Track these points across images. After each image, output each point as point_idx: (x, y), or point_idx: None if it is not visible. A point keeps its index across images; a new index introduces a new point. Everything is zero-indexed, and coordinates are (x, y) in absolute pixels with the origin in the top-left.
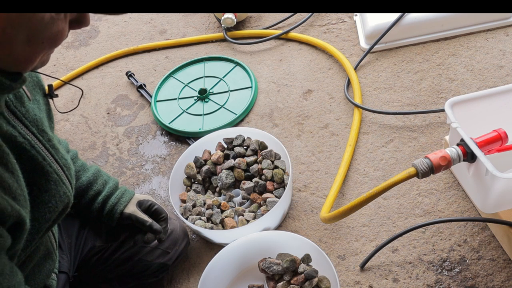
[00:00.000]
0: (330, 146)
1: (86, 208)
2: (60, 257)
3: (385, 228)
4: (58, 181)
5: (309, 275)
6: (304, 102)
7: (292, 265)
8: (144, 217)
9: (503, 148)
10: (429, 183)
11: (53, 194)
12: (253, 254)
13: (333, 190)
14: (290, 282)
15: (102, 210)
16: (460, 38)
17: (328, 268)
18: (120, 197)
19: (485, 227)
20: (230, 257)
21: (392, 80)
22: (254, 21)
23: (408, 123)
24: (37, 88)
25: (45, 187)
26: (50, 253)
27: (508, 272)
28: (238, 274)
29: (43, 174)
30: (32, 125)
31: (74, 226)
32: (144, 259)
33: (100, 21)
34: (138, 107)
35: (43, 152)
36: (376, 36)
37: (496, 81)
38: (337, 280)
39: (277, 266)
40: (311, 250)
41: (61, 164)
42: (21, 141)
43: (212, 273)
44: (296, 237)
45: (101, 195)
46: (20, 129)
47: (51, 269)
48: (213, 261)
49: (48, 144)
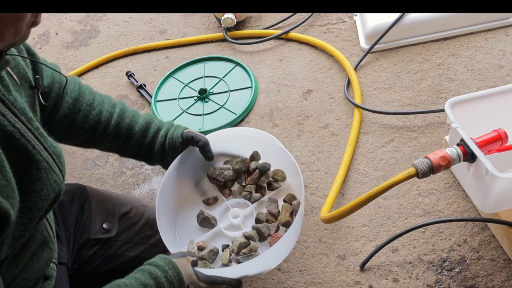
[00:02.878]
0: (330, 146)
1: (149, 145)
2: (59, 248)
3: (385, 228)
4: (48, 170)
5: (263, 167)
6: (304, 102)
7: (243, 166)
8: (201, 134)
9: (503, 148)
10: (429, 183)
11: (44, 182)
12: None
13: (333, 190)
14: (245, 183)
15: (164, 139)
16: (460, 38)
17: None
18: (177, 126)
19: (485, 227)
20: (184, 171)
21: (392, 80)
22: (254, 21)
23: (408, 123)
24: (22, 80)
25: (36, 176)
26: (47, 241)
27: (508, 272)
28: (191, 188)
29: (34, 163)
30: (21, 113)
31: (71, 218)
32: (142, 256)
33: (100, 21)
34: (138, 107)
35: (32, 141)
36: (376, 36)
37: (496, 81)
38: (301, 177)
39: (227, 171)
40: (267, 147)
41: (51, 152)
42: (10, 129)
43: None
44: (250, 133)
45: (162, 129)
46: (9, 117)
47: (49, 257)
48: (168, 175)
49: (37, 132)
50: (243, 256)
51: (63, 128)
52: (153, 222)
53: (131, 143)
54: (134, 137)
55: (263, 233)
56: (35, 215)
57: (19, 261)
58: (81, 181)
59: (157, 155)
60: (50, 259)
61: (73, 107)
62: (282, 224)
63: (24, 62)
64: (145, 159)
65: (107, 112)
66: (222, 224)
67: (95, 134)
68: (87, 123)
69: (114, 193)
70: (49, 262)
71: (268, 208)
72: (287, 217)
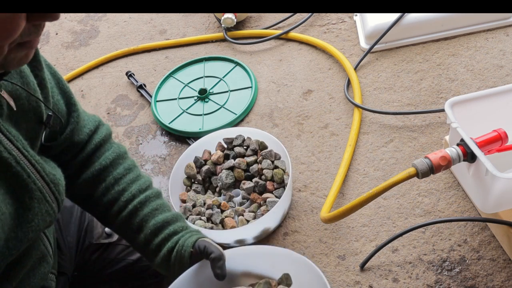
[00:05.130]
0: (330, 146)
1: (157, 247)
2: (60, 257)
3: (385, 228)
4: (41, 199)
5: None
6: (304, 102)
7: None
8: (216, 246)
9: (503, 148)
10: (429, 183)
11: (36, 212)
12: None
13: (333, 190)
14: None
15: (174, 245)
16: (460, 38)
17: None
18: (194, 233)
19: (485, 227)
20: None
21: (392, 80)
22: (254, 21)
23: (408, 123)
24: (30, 113)
25: (29, 205)
26: (45, 256)
27: (508, 272)
28: None
29: (27, 192)
30: (17, 139)
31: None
32: (143, 260)
33: (100, 21)
34: (138, 107)
35: (28, 169)
36: (376, 36)
37: (496, 81)
38: None
39: None
40: (300, 266)
41: (48, 181)
42: (6, 156)
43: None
44: (280, 251)
45: (178, 233)
46: (5, 143)
47: (47, 272)
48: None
49: (33, 159)
50: None
51: (84, 192)
52: None
53: (138, 239)
54: (143, 234)
55: None
56: (23, 245)
57: (13, 278)
58: None
59: (161, 264)
60: (47, 273)
61: (99, 174)
62: None
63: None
64: (152, 264)
65: (130, 194)
66: None
67: (109, 212)
68: (106, 197)
69: None
70: (46, 276)
71: None
72: None
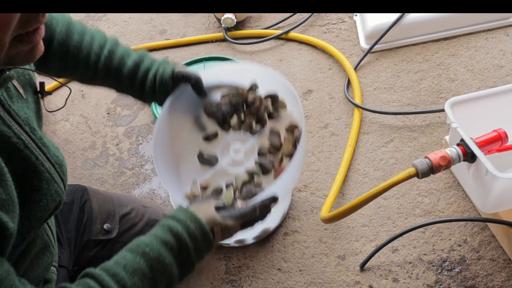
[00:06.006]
0: (330, 146)
1: (140, 87)
2: (60, 251)
3: (385, 228)
4: (50, 180)
5: (272, 95)
6: (304, 102)
7: (241, 98)
8: (191, 70)
9: (503, 148)
10: (429, 183)
11: (45, 193)
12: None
13: (333, 190)
14: (244, 115)
15: (154, 81)
16: (460, 38)
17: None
18: (166, 64)
19: (485, 227)
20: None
21: (392, 80)
22: (254, 21)
23: (408, 123)
24: (27, 86)
25: (37, 186)
26: (48, 246)
27: (508, 272)
28: (190, 126)
29: (35, 174)
30: (25, 124)
31: (72, 219)
32: None
33: (100, 21)
34: (138, 107)
35: (36, 152)
36: (376, 36)
37: (496, 81)
38: (300, 104)
39: (224, 106)
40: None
41: (53, 162)
42: (15, 141)
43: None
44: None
45: (151, 70)
46: (15, 129)
47: (50, 262)
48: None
49: (39, 142)
50: (247, 190)
51: (56, 59)
52: (153, 222)
53: (121, 86)
54: (123, 81)
55: (266, 167)
56: (33, 225)
57: (19, 267)
58: (81, 181)
59: (149, 97)
60: (51, 263)
61: (66, 35)
62: (285, 155)
63: (29, 66)
64: (140, 99)
65: (97, 47)
66: (224, 161)
67: (88, 70)
68: (80, 54)
69: (114, 194)
70: (49, 266)
71: (270, 140)
72: (290, 148)
